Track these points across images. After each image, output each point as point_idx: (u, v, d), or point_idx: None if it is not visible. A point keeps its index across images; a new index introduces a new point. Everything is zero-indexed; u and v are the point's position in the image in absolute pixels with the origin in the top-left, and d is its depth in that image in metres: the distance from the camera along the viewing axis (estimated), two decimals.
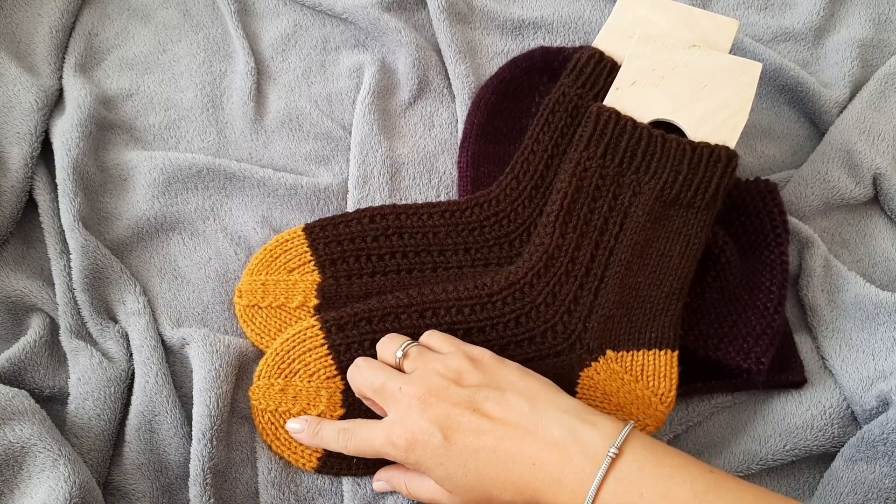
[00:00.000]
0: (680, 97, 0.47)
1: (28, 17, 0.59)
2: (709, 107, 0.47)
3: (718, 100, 0.47)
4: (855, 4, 0.65)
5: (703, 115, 0.47)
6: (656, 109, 0.47)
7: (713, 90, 0.47)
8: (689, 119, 0.47)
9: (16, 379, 0.45)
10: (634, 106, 0.47)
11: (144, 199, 0.52)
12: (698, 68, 0.48)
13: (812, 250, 0.52)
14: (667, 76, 0.48)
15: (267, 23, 0.62)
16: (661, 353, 0.45)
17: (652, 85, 0.48)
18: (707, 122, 0.47)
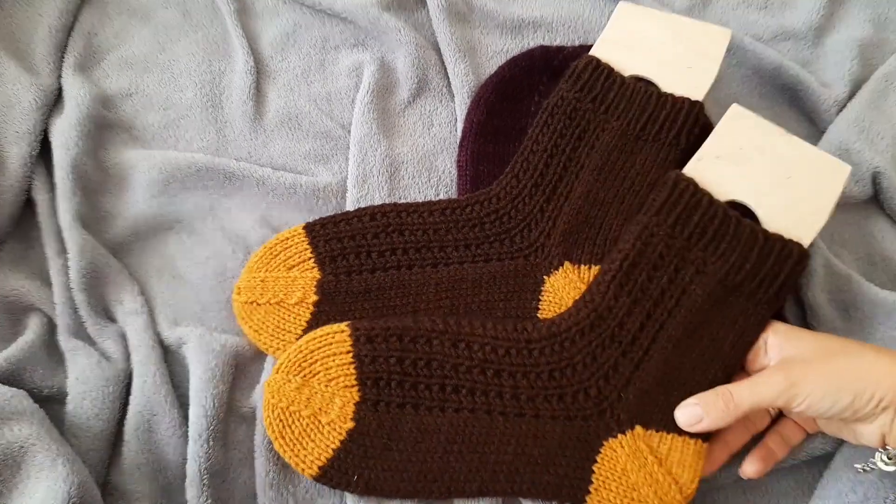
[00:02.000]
0: (762, 183, 0.46)
1: (27, 16, 0.59)
2: (789, 199, 0.45)
3: (801, 194, 0.45)
4: (855, 4, 0.65)
5: (783, 206, 0.45)
6: (735, 190, 0.46)
7: (797, 183, 0.46)
8: (767, 207, 0.45)
9: (14, 379, 0.45)
10: (713, 181, 0.46)
11: (143, 198, 0.52)
12: (787, 156, 0.46)
13: (812, 250, 0.52)
14: (753, 158, 0.46)
15: (266, 22, 0.62)
16: (691, 441, 0.44)
17: (735, 164, 0.46)
18: (785, 215, 0.45)
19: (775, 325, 0.44)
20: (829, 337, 0.43)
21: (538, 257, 0.49)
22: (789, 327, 0.44)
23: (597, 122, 0.50)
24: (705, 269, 0.43)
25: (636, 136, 0.49)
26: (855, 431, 0.41)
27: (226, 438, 0.45)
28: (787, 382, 0.40)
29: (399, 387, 0.43)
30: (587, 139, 0.50)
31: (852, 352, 0.41)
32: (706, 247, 0.43)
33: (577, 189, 0.49)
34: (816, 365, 0.40)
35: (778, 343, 0.43)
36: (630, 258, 0.44)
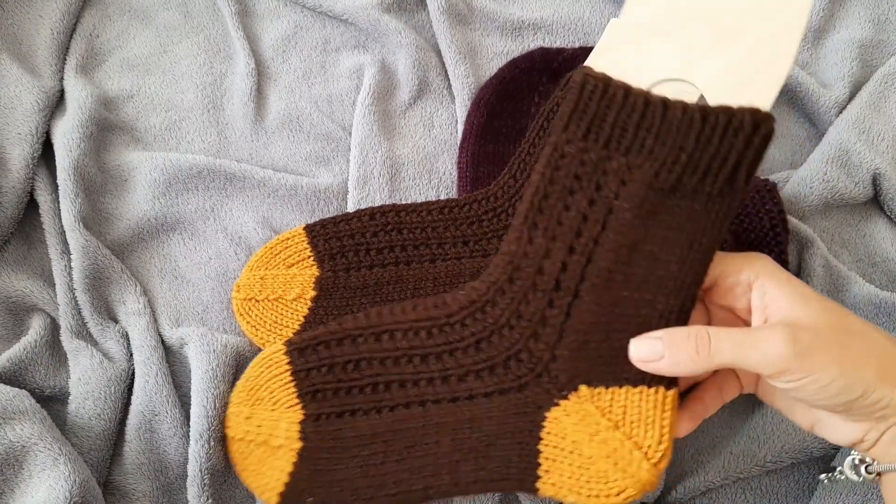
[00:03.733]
0: (696, 47, 0.36)
1: (29, 18, 0.60)
2: (737, 54, 0.35)
3: (751, 42, 0.35)
4: (854, 5, 0.65)
5: (728, 66, 0.35)
6: (661, 67, 0.36)
7: (743, 30, 0.35)
8: (706, 75, 0.35)
9: (16, 379, 0.45)
10: (632, 65, 0.37)
11: (145, 199, 0.52)
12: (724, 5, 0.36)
13: (812, 250, 0.52)
14: (680, 18, 0.36)
15: (267, 24, 0.62)
16: (650, 391, 0.36)
17: (657, 33, 0.36)
18: (731, 76, 0.35)
19: (775, 270, 0.35)
20: (842, 309, 0.35)
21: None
22: (792, 280, 0.35)
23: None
24: (631, 177, 0.34)
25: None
26: (824, 423, 0.36)
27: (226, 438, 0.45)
28: (790, 350, 0.32)
29: (335, 395, 0.40)
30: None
31: (873, 338, 0.34)
32: (628, 149, 0.34)
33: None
34: (831, 341, 0.33)
35: (780, 297, 0.34)
36: (541, 190, 0.36)
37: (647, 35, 0.37)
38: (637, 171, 0.35)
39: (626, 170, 0.35)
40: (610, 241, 0.36)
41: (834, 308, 0.35)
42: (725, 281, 0.37)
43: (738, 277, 0.36)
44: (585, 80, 0.35)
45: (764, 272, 0.36)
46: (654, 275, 0.36)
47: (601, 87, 0.35)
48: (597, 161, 0.35)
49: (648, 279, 0.36)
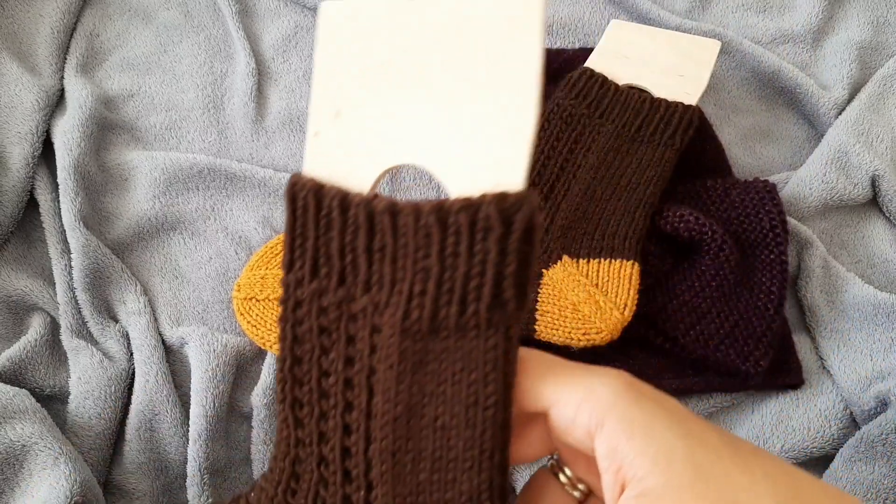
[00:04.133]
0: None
1: (29, 17, 0.59)
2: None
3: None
4: (854, 7, 0.65)
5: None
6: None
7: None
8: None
9: (17, 378, 0.45)
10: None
11: (145, 198, 0.52)
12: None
13: (811, 251, 0.52)
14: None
15: (268, 24, 0.62)
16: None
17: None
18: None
19: (625, 411, 0.26)
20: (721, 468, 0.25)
21: None
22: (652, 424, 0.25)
23: (592, 126, 0.52)
24: (381, 321, 0.27)
25: (632, 138, 0.51)
26: None
27: (227, 438, 0.45)
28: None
29: None
30: (584, 142, 0.51)
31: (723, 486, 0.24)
32: (367, 284, 0.27)
33: (574, 187, 0.50)
34: None
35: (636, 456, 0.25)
36: (289, 356, 0.31)
37: (359, 113, 0.28)
38: (387, 313, 0.27)
39: (374, 311, 0.28)
40: (383, 412, 0.28)
41: (708, 471, 0.24)
42: (555, 421, 0.27)
43: (572, 420, 0.26)
44: (293, 192, 0.28)
45: (611, 416, 0.25)
46: (446, 446, 0.27)
47: (312, 203, 0.28)
48: (338, 304, 0.28)
49: (441, 454, 0.28)
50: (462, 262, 0.25)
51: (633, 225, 0.49)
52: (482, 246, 0.25)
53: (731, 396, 0.48)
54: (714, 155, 0.55)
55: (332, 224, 0.27)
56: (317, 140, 0.29)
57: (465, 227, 0.25)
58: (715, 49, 0.55)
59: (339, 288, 0.28)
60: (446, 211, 0.25)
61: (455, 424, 0.27)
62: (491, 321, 0.26)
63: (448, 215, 0.25)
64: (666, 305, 0.48)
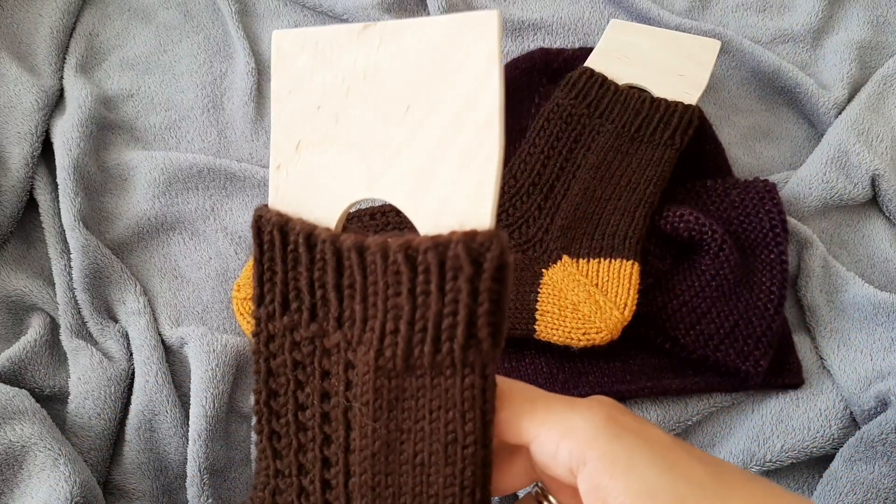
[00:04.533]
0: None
1: (29, 17, 0.59)
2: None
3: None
4: (853, 6, 0.65)
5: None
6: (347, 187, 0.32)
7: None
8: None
9: (16, 378, 0.45)
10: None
11: (145, 198, 0.52)
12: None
13: (811, 251, 0.52)
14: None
15: (267, 23, 0.62)
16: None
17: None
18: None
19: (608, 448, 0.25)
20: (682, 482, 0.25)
21: (536, 252, 0.49)
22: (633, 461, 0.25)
23: (592, 126, 0.52)
24: (355, 358, 0.27)
25: (632, 137, 0.51)
26: None
27: (227, 438, 0.45)
28: None
29: None
30: (583, 142, 0.51)
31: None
32: (339, 320, 0.27)
33: (574, 187, 0.50)
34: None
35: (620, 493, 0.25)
36: (265, 389, 0.30)
37: (320, 145, 0.27)
38: (360, 349, 0.27)
39: (347, 347, 0.27)
40: (361, 448, 0.28)
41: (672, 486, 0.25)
42: (536, 456, 0.27)
43: (553, 457, 0.26)
44: (259, 226, 0.28)
45: (592, 453, 0.25)
46: (426, 482, 0.27)
47: (278, 237, 0.27)
48: (311, 339, 0.28)
49: (422, 490, 0.27)
50: (434, 301, 0.25)
51: (633, 225, 0.49)
52: (453, 285, 0.24)
53: (731, 396, 0.48)
54: (714, 155, 0.55)
55: (300, 260, 0.27)
56: (279, 173, 0.28)
57: (435, 266, 0.24)
58: (715, 49, 0.55)
59: (312, 323, 0.28)
60: (414, 249, 0.24)
61: (434, 461, 0.26)
62: (466, 360, 0.25)
63: (416, 254, 0.24)
64: (666, 305, 0.48)
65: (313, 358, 0.28)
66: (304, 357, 0.28)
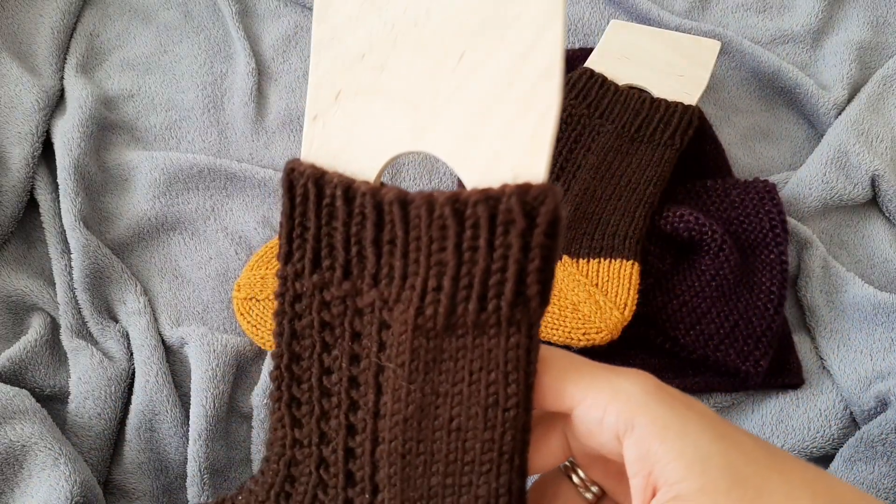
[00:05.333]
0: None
1: (29, 17, 0.59)
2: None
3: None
4: (853, 7, 0.65)
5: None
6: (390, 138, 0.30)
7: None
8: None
9: (17, 378, 0.45)
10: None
11: (145, 199, 0.52)
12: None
13: (811, 251, 0.52)
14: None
15: (268, 24, 0.62)
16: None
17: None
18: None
19: (657, 413, 0.24)
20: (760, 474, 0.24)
21: None
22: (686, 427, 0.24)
23: (592, 127, 0.52)
24: (391, 318, 0.26)
25: (632, 138, 0.51)
26: None
27: (227, 438, 0.45)
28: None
29: None
30: (583, 142, 0.51)
31: None
32: (375, 278, 0.26)
33: (574, 187, 0.50)
34: None
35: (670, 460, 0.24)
36: (287, 352, 0.30)
37: (363, 95, 0.26)
38: (397, 308, 0.26)
39: (382, 307, 0.26)
40: (392, 412, 0.26)
41: (746, 477, 0.24)
42: (579, 423, 0.26)
43: (599, 422, 0.25)
44: (291, 179, 0.27)
45: (641, 418, 0.24)
46: (461, 449, 0.26)
47: (313, 191, 0.26)
48: (343, 298, 0.27)
49: (456, 457, 0.26)
50: (482, 257, 0.24)
51: (633, 225, 0.49)
52: (503, 240, 0.23)
53: (731, 396, 0.48)
54: (714, 155, 0.55)
55: (336, 214, 0.26)
56: (315, 124, 0.27)
57: (485, 220, 0.23)
58: (715, 49, 0.55)
59: (345, 281, 0.26)
60: (463, 202, 0.23)
61: (472, 426, 0.25)
62: (512, 319, 0.24)
63: (465, 207, 0.23)
64: (666, 305, 0.48)
65: (344, 318, 0.27)
66: (334, 318, 0.27)
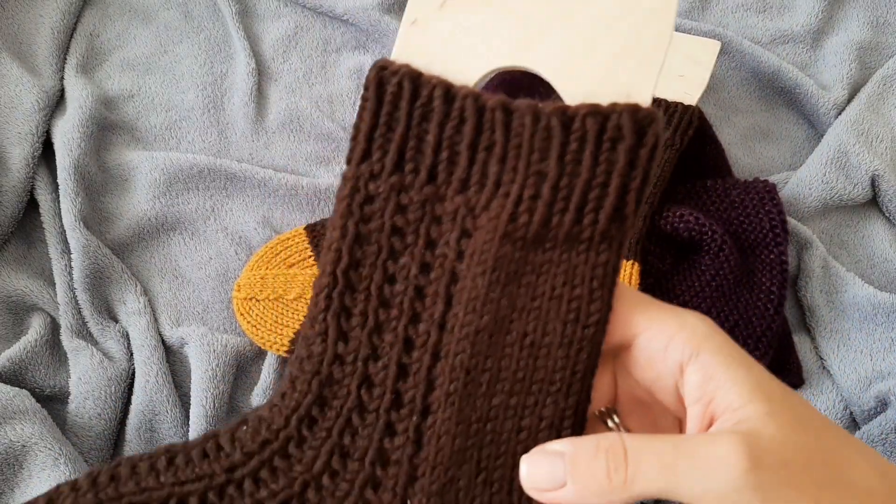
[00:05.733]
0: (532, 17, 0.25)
1: (30, 18, 0.59)
2: (586, 25, 0.25)
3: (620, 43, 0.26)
4: (853, 7, 0.65)
5: (577, 43, 0.25)
6: (492, 50, 0.26)
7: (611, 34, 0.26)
8: (551, 58, 0.25)
9: (17, 378, 0.45)
10: (453, 51, 0.26)
11: (145, 199, 0.52)
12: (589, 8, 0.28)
13: (811, 251, 0.52)
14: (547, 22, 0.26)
15: (268, 24, 0.62)
16: None
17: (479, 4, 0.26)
18: (587, 57, 0.25)
19: (722, 343, 0.25)
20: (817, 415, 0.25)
21: None
22: (748, 361, 0.25)
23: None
24: (476, 225, 0.25)
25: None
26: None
27: None
28: (746, 480, 0.22)
29: None
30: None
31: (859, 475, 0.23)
32: (464, 183, 0.25)
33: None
34: (803, 473, 0.23)
35: (732, 387, 0.24)
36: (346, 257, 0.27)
37: (471, 4, 0.25)
38: (484, 216, 0.25)
39: (467, 214, 0.25)
40: (461, 325, 0.25)
41: (808, 416, 0.24)
42: (642, 351, 0.26)
43: (663, 349, 0.25)
44: (382, 77, 0.25)
45: (707, 346, 0.24)
46: (532, 367, 0.25)
47: (408, 89, 0.25)
48: (422, 203, 0.26)
49: (525, 375, 0.25)
50: (585, 169, 0.24)
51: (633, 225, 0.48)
52: (608, 155, 0.24)
53: None
54: (714, 155, 0.55)
55: (431, 115, 0.25)
56: (414, 28, 0.26)
57: (593, 133, 0.23)
58: (715, 49, 0.55)
59: (427, 185, 0.25)
60: (571, 115, 0.24)
61: (548, 343, 0.25)
62: (606, 234, 0.24)
63: (573, 120, 0.24)
64: None
65: (420, 224, 0.26)
66: (409, 223, 0.26)
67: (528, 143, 0.24)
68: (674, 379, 0.25)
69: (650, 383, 0.26)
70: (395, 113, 0.25)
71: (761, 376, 0.24)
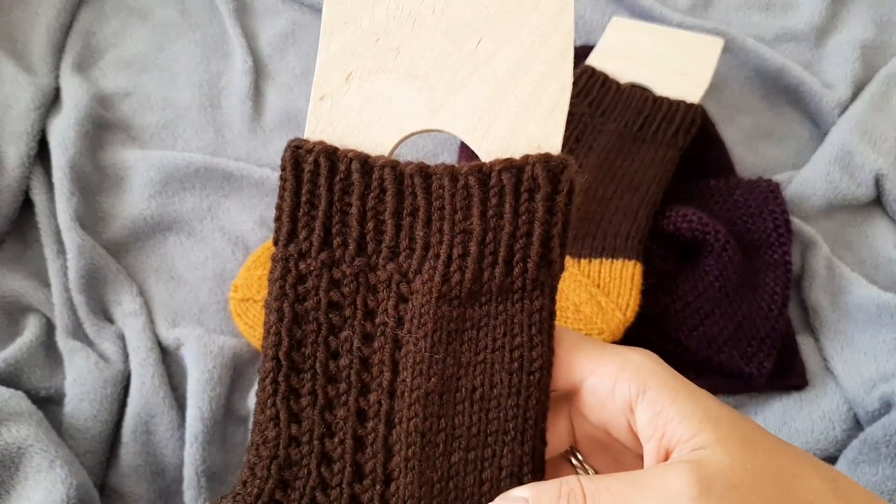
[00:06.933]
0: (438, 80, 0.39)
1: (25, 15, 0.59)
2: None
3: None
4: (857, 5, 0.65)
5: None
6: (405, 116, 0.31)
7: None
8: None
9: (12, 380, 0.45)
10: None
11: (141, 198, 0.52)
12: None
13: (815, 252, 0.52)
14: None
15: (265, 22, 0.62)
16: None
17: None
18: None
19: (667, 377, 0.26)
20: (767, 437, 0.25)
21: None
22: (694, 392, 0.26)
23: (594, 126, 0.51)
24: (411, 290, 0.26)
25: (634, 137, 0.51)
26: None
27: (224, 441, 0.45)
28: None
29: None
30: (585, 141, 0.51)
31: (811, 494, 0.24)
32: (393, 251, 0.26)
33: None
34: (748, 495, 0.23)
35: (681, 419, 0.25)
36: (286, 340, 0.28)
37: (377, 75, 0.27)
38: (417, 280, 0.26)
39: (401, 280, 0.26)
40: (411, 390, 0.26)
41: (757, 437, 0.25)
42: (591, 394, 0.27)
43: (610, 390, 0.26)
44: (298, 156, 0.26)
45: (652, 382, 0.25)
46: (485, 420, 0.26)
47: (325, 165, 0.26)
48: (355, 275, 0.26)
49: (479, 429, 0.26)
50: (507, 222, 0.25)
51: (636, 225, 0.48)
52: (528, 206, 0.25)
53: (735, 398, 0.48)
54: (717, 154, 0.55)
55: (352, 188, 0.26)
56: (323, 104, 0.27)
57: (510, 186, 0.25)
58: (718, 47, 0.54)
59: (358, 257, 0.26)
60: (487, 172, 0.25)
61: (497, 394, 0.26)
62: (537, 282, 0.26)
63: (489, 176, 0.25)
64: (669, 306, 0.48)
65: (356, 296, 0.26)
66: (345, 297, 0.26)
67: (450, 204, 0.25)
68: (625, 418, 0.26)
69: (604, 424, 0.27)
70: (315, 190, 0.26)
71: (708, 404, 0.25)
